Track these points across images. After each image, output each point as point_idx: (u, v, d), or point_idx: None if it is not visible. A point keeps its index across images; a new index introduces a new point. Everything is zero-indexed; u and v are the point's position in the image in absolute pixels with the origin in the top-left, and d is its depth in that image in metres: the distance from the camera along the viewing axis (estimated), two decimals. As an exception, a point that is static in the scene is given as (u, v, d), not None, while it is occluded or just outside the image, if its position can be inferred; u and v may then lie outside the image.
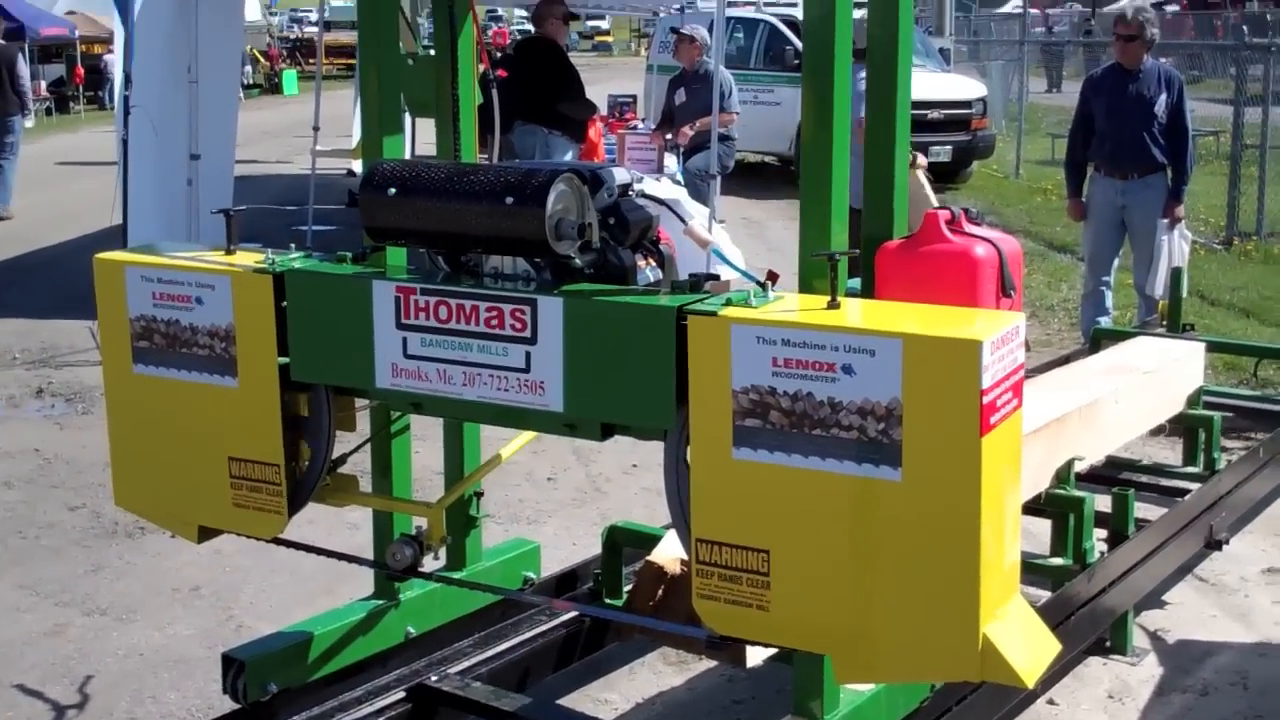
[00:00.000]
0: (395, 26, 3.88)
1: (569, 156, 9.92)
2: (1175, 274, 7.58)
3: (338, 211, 9.51)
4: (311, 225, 10.81)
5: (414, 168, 3.29)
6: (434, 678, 3.99)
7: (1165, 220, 8.35)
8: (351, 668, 4.08)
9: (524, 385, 3.15)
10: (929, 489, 2.74)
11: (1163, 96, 8.38)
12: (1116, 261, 8.79)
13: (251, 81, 35.28)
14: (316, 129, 11.37)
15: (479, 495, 4.30)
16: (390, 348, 3.29)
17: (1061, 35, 36.45)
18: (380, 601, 4.18)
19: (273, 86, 36.09)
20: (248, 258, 3.54)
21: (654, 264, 3.29)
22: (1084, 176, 8.80)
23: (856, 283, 3.51)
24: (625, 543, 4.39)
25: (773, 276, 3.14)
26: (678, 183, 10.83)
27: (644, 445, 3.22)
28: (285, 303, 3.42)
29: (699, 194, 10.77)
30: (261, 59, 37.56)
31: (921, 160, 8.61)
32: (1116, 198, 8.49)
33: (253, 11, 40.19)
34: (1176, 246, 8.55)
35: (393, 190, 3.23)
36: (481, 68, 4.20)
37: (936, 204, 8.54)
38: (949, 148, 16.87)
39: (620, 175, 3.29)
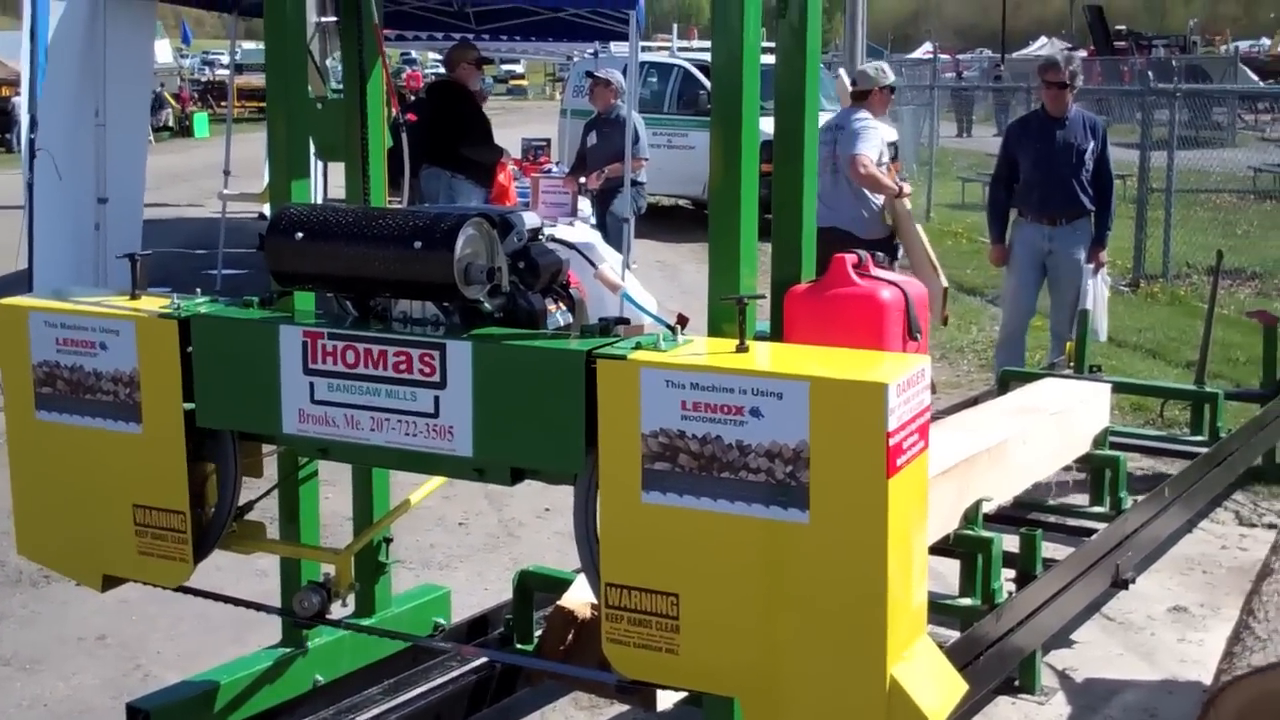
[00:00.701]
0: (303, 70, 3.87)
1: (474, 201, 9.93)
2: (1083, 315, 7.71)
3: (249, 255, 9.45)
4: (221, 269, 10.73)
5: (321, 212, 3.28)
6: (342, 727, 3.95)
7: (1090, 265, 8.45)
8: (259, 717, 4.03)
9: (432, 430, 3.14)
10: (836, 531, 2.75)
11: (1090, 144, 8.43)
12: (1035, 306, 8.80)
13: (163, 124, 34.95)
14: (227, 173, 11.32)
15: (388, 541, 4.27)
16: (297, 393, 3.26)
17: (971, 81, 37.02)
18: (288, 649, 4.13)
19: (184, 129, 35.78)
20: (153, 302, 3.51)
21: (564, 308, 3.29)
22: (1007, 222, 8.80)
23: (766, 326, 3.53)
24: (536, 587, 4.37)
25: (682, 320, 3.15)
26: (592, 226, 10.86)
27: (556, 489, 3.22)
28: (190, 348, 3.39)
29: (613, 238, 10.81)
30: (173, 101, 37.24)
31: (907, 189, 8.79)
32: (1043, 243, 8.48)
33: (164, 54, 39.89)
34: (1100, 290, 8.69)
35: (300, 235, 3.22)
36: (392, 112, 4.19)
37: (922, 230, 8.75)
38: (861, 192, 17.00)
39: (530, 219, 3.30)
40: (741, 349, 2.94)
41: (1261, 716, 3.15)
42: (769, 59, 3.36)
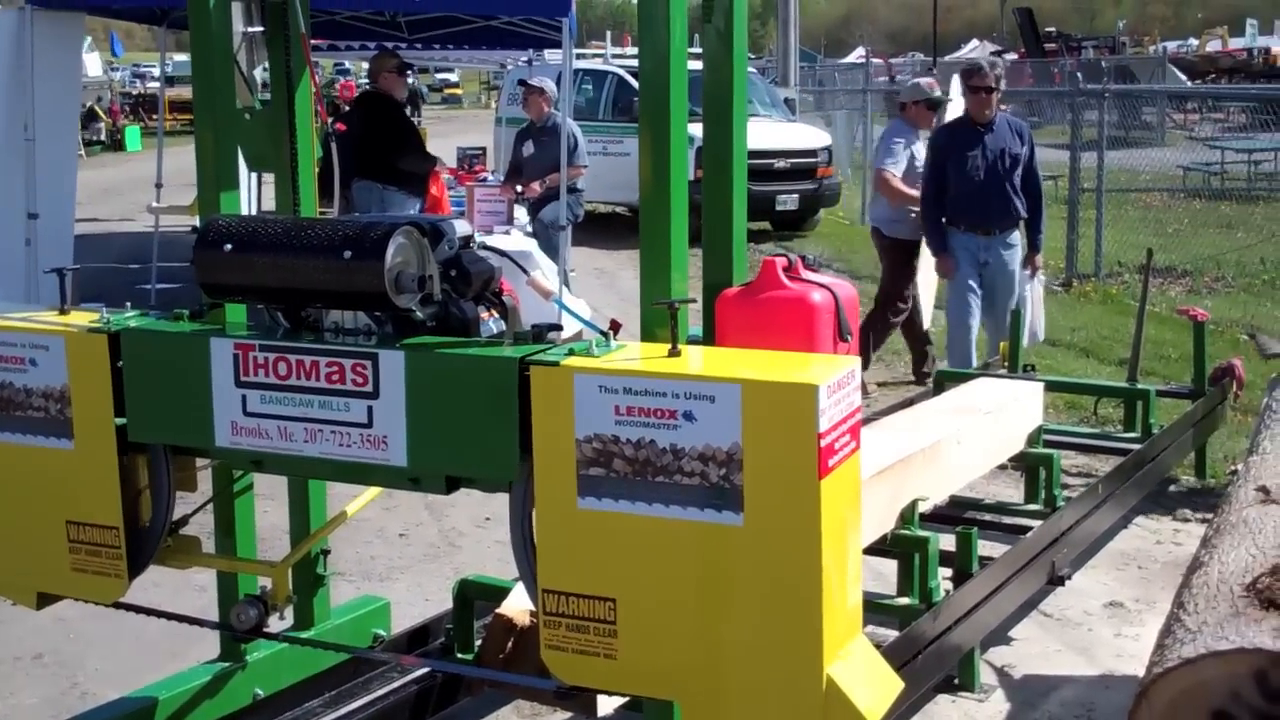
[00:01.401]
0: (231, 80, 3.85)
1: (410, 211, 9.90)
2: (1015, 316, 7.78)
3: (183, 269, 9.35)
4: (155, 284, 10.64)
5: (250, 223, 3.27)
6: (282, 740, 3.93)
7: (1027, 271, 8.45)
8: (198, 733, 4.00)
9: (366, 440, 3.13)
10: (770, 532, 2.77)
11: (1020, 149, 8.34)
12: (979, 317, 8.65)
13: (94, 138, 34.60)
14: (159, 185, 11.22)
15: (325, 553, 4.25)
16: (229, 406, 3.25)
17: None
18: (226, 664, 4.11)
19: (116, 143, 35.43)
20: (82, 317, 3.49)
21: (497, 315, 3.30)
22: (945, 232, 8.60)
23: (698, 330, 3.55)
24: (476, 596, 4.36)
25: (615, 326, 3.17)
26: (528, 234, 10.86)
27: (497, 498, 3.22)
28: (121, 362, 3.37)
29: (549, 246, 10.80)
30: (104, 115, 36.87)
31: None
32: (979, 254, 8.41)
33: (94, 67, 39.51)
34: (1036, 294, 8.72)
35: (228, 246, 3.20)
36: (319, 123, 4.17)
37: None
38: (796, 196, 17.15)
39: (461, 227, 3.30)
40: (674, 353, 2.96)
41: (1193, 707, 3.19)
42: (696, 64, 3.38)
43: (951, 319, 8.72)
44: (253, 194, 11.92)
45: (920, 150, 9.14)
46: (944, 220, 8.59)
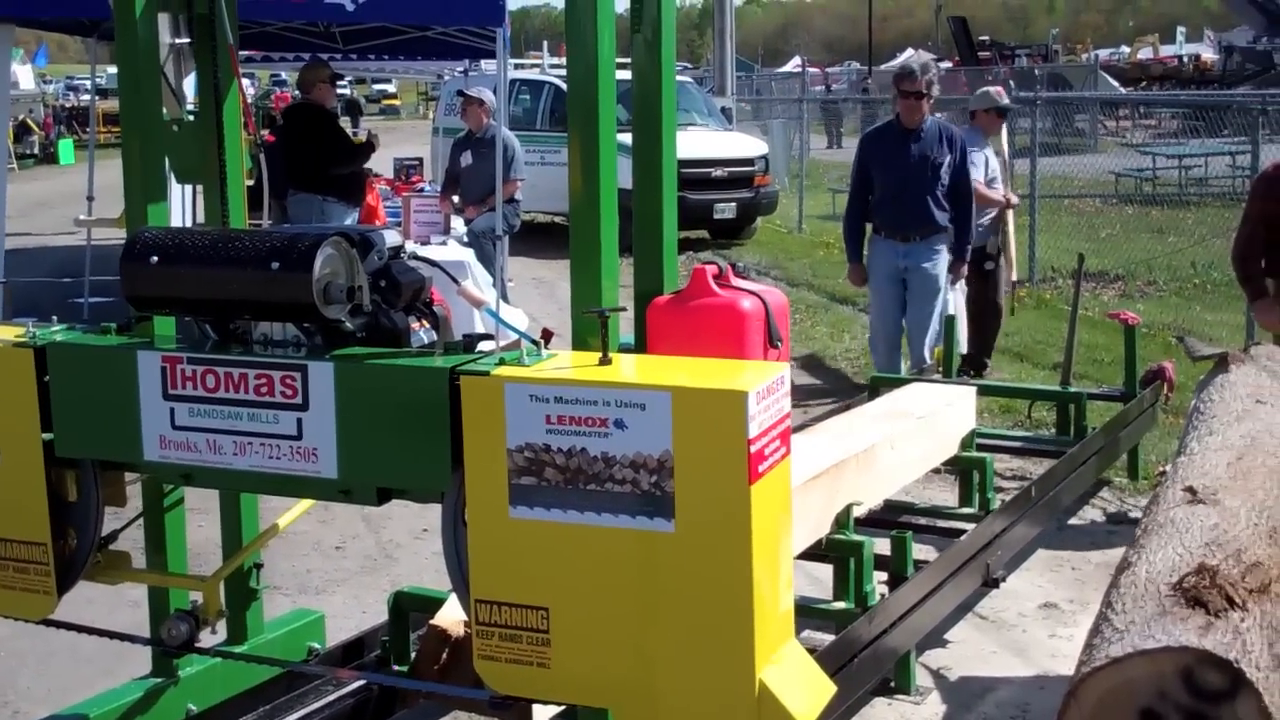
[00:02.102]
0: (158, 91, 3.82)
1: (349, 221, 9.86)
2: (950, 321, 7.84)
3: (116, 283, 9.26)
4: (88, 297, 10.53)
5: (177, 235, 3.25)
6: (216, 756, 3.90)
7: (950, 277, 8.37)
8: (130, 749, 3.96)
9: (296, 452, 3.12)
10: (702, 539, 2.79)
11: (947, 156, 8.15)
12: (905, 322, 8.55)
13: (27, 152, 34.21)
14: (90, 199, 11.09)
15: (259, 567, 4.22)
16: (158, 419, 3.23)
17: (840, 93, 37.50)
18: (159, 680, 4.07)
19: (48, 156, 35.07)
20: (8, 331, 3.45)
21: (428, 326, 3.29)
22: (863, 240, 8.56)
23: (630, 338, 3.56)
24: (412, 608, 4.34)
25: (547, 335, 3.17)
26: (465, 244, 10.83)
27: (435, 510, 3.21)
28: (48, 377, 3.33)
29: (485, 256, 10.78)
30: (36, 128, 36.48)
31: (1013, 199, 9.11)
32: (899, 260, 8.26)
33: (26, 80, 39.05)
34: (960, 303, 8.76)
35: (155, 259, 3.18)
36: (249, 133, 4.15)
37: None
38: (733, 204, 17.20)
39: (391, 237, 3.29)
40: (605, 361, 2.96)
41: (1121, 705, 3.23)
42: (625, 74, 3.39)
43: (873, 326, 8.71)
44: (188, 206, 11.83)
45: (992, 157, 9.34)
46: (864, 227, 8.55)
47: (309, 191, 9.90)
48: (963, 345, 9.00)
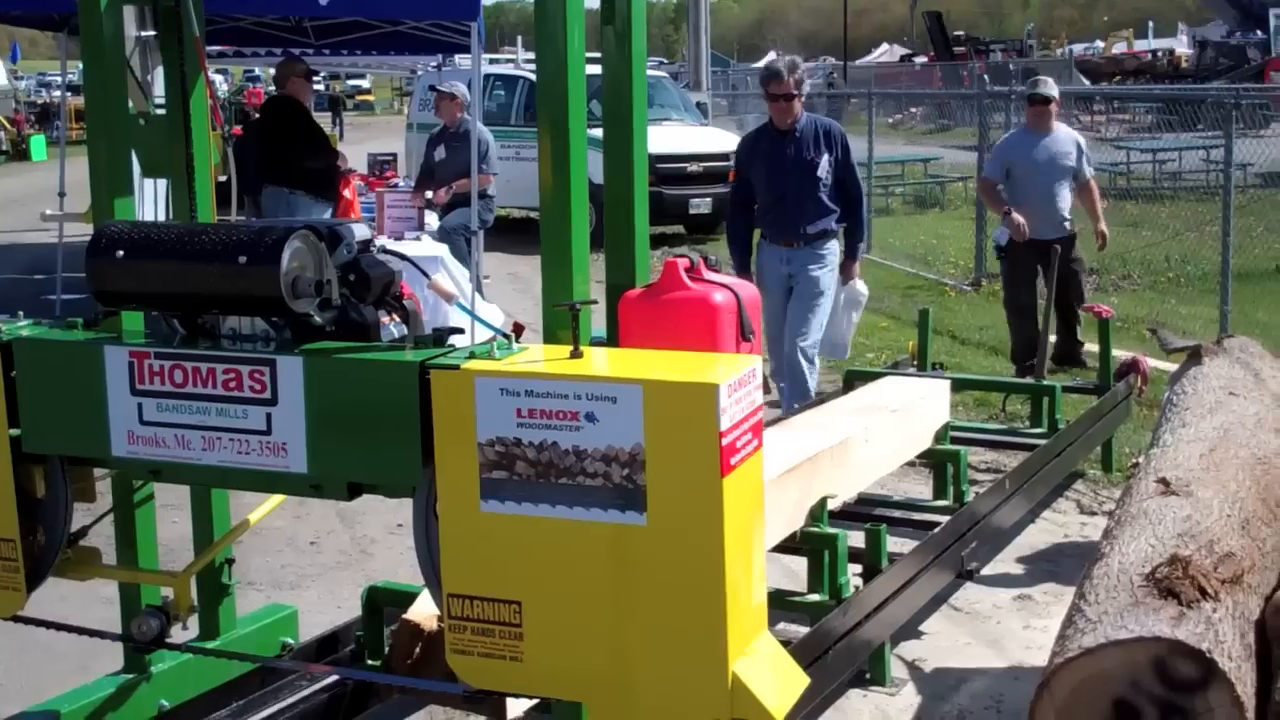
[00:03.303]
0: (123, 85, 3.79)
1: (318, 217, 9.83)
2: (924, 315, 7.84)
3: (87, 279, 9.21)
4: (60, 295, 10.47)
5: (143, 229, 3.22)
6: (190, 752, 3.88)
7: (840, 278, 7.88)
8: (102, 746, 3.94)
9: (266, 447, 3.10)
10: (674, 532, 2.78)
11: (824, 157, 7.59)
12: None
13: (-1, 148, 34.06)
14: (62, 195, 11.03)
15: (230, 562, 4.20)
16: (125, 414, 3.20)
17: (816, 88, 37.51)
18: (131, 676, 4.06)
19: (20, 153, 34.89)
20: (-27, 327, 3.42)
21: (398, 320, 3.27)
22: (749, 248, 7.94)
23: (602, 332, 3.55)
24: (386, 603, 4.32)
25: (518, 328, 3.16)
26: (438, 240, 10.80)
27: (410, 505, 3.19)
28: (14, 372, 3.31)
29: (459, 251, 10.76)
30: (7, 125, 36.29)
31: (1016, 218, 9.00)
32: (782, 266, 7.73)
33: (-1, 75, 38.89)
34: (855, 297, 8.29)
35: (121, 253, 3.16)
36: (217, 126, 4.13)
37: None
38: (709, 199, 17.18)
39: (360, 231, 3.28)
40: (576, 354, 2.95)
41: (1094, 695, 3.24)
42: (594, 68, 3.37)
43: (768, 335, 7.90)
44: (160, 201, 11.77)
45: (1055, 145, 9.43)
46: (750, 235, 7.97)
47: (280, 185, 9.87)
48: (845, 349, 8.51)
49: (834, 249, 7.80)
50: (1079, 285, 9.54)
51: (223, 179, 4.97)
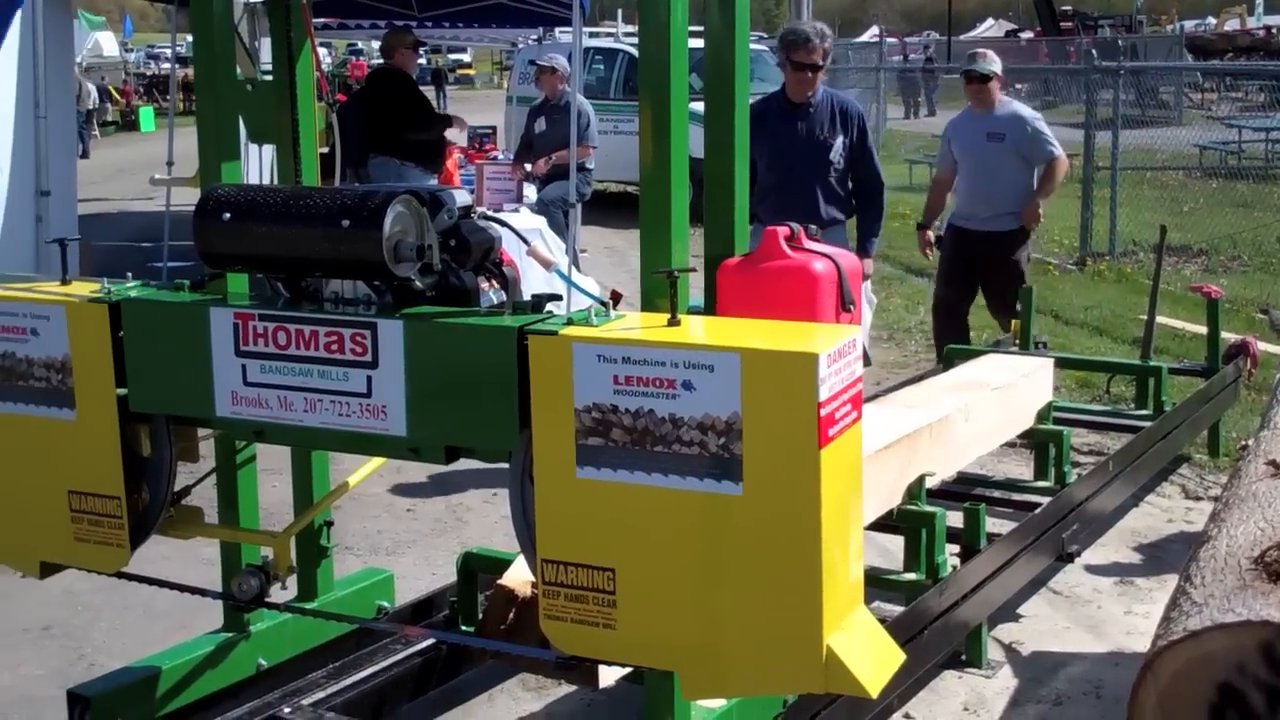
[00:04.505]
0: (232, 52, 3.84)
1: (425, 187, 9.87)
2: (1026, 292, 7.73)
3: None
4: (167, 261, 10.63)
5: (248, 192, 3.25)
6: (287, 709, 3.91)
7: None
8: (202, 701, 4.02)
9: (366, 410, 3.12)
10: (770, 502, 2.75)
11: (839, 139, 6.74)
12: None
13: (107, 119, 34.62)
14: (170, 164, 11.17)
15: (329, 525, 4.25)
16: (229, 375, 3.24)
17: (916, 63, 37.14)
18: (230, 634, 4.12)
19: (129, 124, 35.47)
20: (83, 287, 3.48)
21: (497, 286, 3.28)
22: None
23: (699, 302, 3.53)
24: (480, 569, 4.35)
25: (615, 296, 3.15)
26: (536, 212, 10.83)
27: (505, 474, 3.20)
28: (122, 332, 3.36)
29: (556, 224, 10.78)
30: (117, 95, 36.90)
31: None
32: None
33: (110, 47, 39.51)
34: (863, 304, 7.86)
35: (227, 215, 3.19)
36: (322, 93, 4.16)
37: None
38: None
39: (461, 197, 3.28)
40: (673, 322, 2.94)
41: (1198, 679, 3.17)
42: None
43: None
44: (266, 166, 11.90)
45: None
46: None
47: (387, 155, 9.93)
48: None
49: (842, 242, 6.75)
50: (1014, 285, 8.06)
51: (324, 150, 4.98)
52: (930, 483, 4.90)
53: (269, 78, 4.18)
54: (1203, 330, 8.01)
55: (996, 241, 8.12)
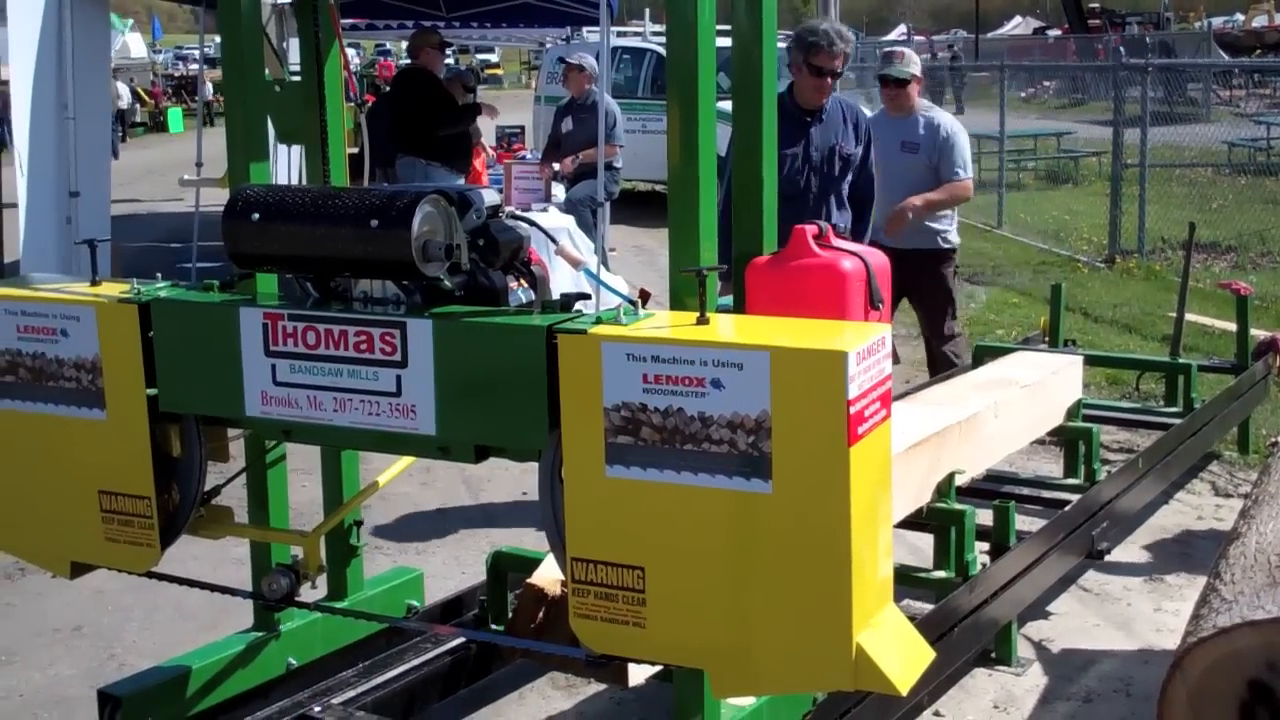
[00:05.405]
0: (260, 52, 3.85)
1: (452, 186, 9.89)
2: (1056, 289, 7.71)
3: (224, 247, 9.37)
4: (196, 262, 10.67)
5: (277, 192, 3.26)
6: (317, 708, 3.93)
7: None
8: (232, 701, 4.03)
9: (395, 409, 3.13)
10: (799, 500, 2.75)
11: (855, 148, 6.12)
12: None
13: (136, 120, 34.80)
14: (199, 165, 11.22)
15: (359, 524, 4.26)
16: (259, 375, 3.25)
17: (942, 62, 37.04)
18: (260, 633, 4.14)
19: (158, 125, 35.65)
20: (113, 288, 3.49)
21: (526, 285, 3.28)
22: None
23: (729, 300, 3.53)
24: (510, 568, 4.36)
25: (644, 295, 3.15)
26: (564, 212, 10.85)
27: (535, 474, 3.21)
28: (152, 333, 3.37)
29: (584, 223, 10.79)
30: (146, 96, 37.08)
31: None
32: None
33: (138, 48, 39.72)
34: None
35: (256, 216, 3.20)
36: (351, 93, 4.18)
37: None
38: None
39: (489, 196, 3.29)
40: (702, 321, 2.94)
41: (1226, 676, 3.16)
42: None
43: None
44: (294, 167, 11.94)
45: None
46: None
47: (415, 155, 9.95)
48: None
49: None
50: (947, 309, 7.43)
51: (353, 151, 5.00)
52: (960, 480, 4.89)
53: (297, 78, 4.20)
54: (1232, 327, 7.98)
55: (918, 261, 7.17)
